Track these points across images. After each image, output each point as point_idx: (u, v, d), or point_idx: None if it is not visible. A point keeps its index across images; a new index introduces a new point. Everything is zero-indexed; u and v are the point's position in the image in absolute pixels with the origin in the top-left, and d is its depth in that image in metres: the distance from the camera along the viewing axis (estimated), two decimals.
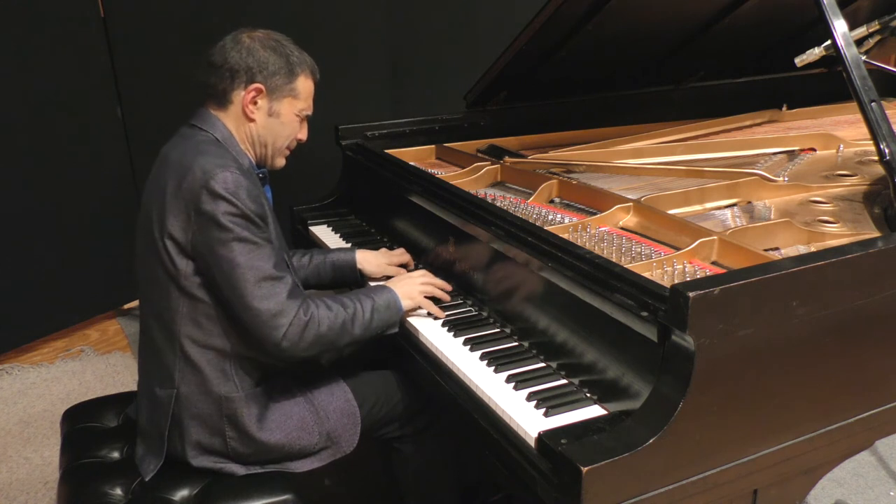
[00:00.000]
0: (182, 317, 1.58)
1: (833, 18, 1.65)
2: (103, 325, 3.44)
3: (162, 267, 1.57)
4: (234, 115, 1.66)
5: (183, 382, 1.60)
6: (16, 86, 2.96)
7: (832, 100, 2.75)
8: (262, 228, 1.55)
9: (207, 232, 1.51)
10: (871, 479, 2.46)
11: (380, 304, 1.68)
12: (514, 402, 1.41)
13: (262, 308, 1.52)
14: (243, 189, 1.52)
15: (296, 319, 1.54)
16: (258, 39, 1.65)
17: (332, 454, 1.71)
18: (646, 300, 1.28)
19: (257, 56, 1.62)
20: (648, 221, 1.78)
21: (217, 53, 1.63)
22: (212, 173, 1.50)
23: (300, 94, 1.70)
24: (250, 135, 1.68)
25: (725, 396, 1.25)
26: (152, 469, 1.63)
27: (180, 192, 1.53)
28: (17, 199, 3.03)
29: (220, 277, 1.53)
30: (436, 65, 3.87)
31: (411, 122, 2.50)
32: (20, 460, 2.60)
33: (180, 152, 1.59)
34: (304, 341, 1.56)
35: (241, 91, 1.63)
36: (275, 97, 1.66)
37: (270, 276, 1.53)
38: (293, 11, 3.44)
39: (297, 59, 1.68)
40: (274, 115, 1.68)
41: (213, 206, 1.50)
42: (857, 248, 1.35)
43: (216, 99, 1.66)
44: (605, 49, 2.37)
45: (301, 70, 1.69)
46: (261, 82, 1.63)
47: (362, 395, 1.75)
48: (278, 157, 1.75)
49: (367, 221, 2.39)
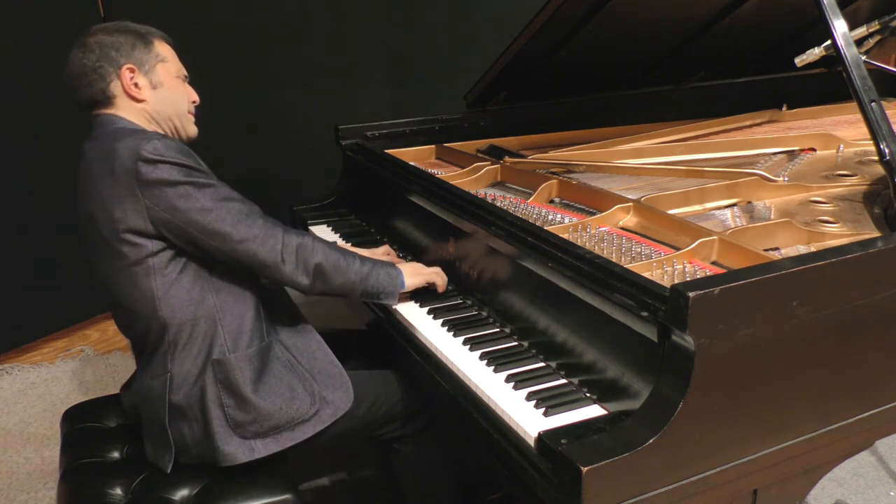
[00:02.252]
0: (160, 300, 1.57)
1: (833, 18, 1.65)
2: (103, 325, 3.44)
3: (125, 262, 1.56)
4: (125, 106, 1.65)
5: (175, 363, 1.60)
6: (16, 86, 2.96)
7: (832, 100, 2.75)
8: (208, 175, 1.57)
9: (162, 197, 1.51)
10: (871, 479, 2.46)
11: (380, 268, 1.74)
12: (513, 402, 1.41)
13: (251, 234, 1.55)
14: (174, 149, 1.52)
15: (286, 239, 1.59)
16: (98, 31, 1.64)
17: (331, 414, 1.68)
18: (646, 300, 1.28)
19: (107, 43, 1.62)
20: (648, 221, 1.78)
21: (73, 67, 1.63)
22: (138, 146, 1.50)
23: (167, 58, 1.69)
24: (149, 114, 1.67)
25: (725, 396, 1.25)
26: (169, 460, 1.63)
27: (114, 177, 1.51)
28: (18, 199, 3.04)
29: (196, 230, 1.53)
30: (436, 65, 3.87)
31: (411, 122, 2.50)
32: (20, 460, 2.60)
33: (96, 149, 1.59)
34: (302, 263, 1.61)
35: (115, 81, 1.62)
36: (148, 69, 1.65)
37: (242, 203, 1.57)
38: (294, 12, 3.44)
39: (143, 29, 1.68)
40: (158, 86, 1.67)
41: (155, 170, 1.49)
42: (857, 248, 1.34)
43: (101, 103, 1.65)
44: (605, 49, 2.37)
45: (153, 37, 1.68)
46: (126, 62, 1.62)
47: (362, 394, 1.75)
48: (187, 125, 1.74)
49: (367, 221, 2.39)
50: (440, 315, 1.76)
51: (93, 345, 3.34)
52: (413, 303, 1.84)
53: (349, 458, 1.71)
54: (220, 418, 1.61)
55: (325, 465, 2.42)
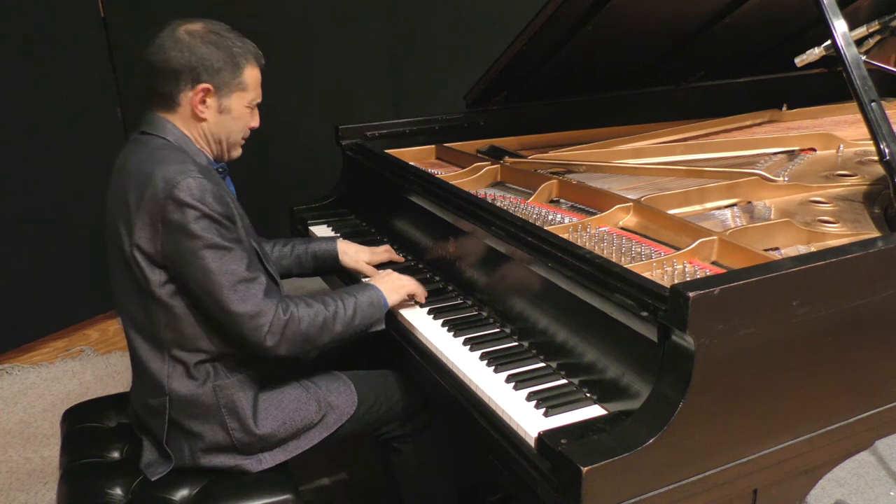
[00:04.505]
0: (163, 327, 1.57)
1: (833, 18, 1.65)
2: (103, 325, 3.44)
3: (134, 279, 1.55)
4: (183, 117, 1.61)
5: (174, 386, 1.59)
6: (16, 86, 2.96)
7: (832, 100, 2.75)
8: (230, 229, 1.53)
9: (177, 241, 1.49)
10: (871, 479, 2.46)
11: (362, 301, 1.68)
12: (513, 402, 1.41)
13: (241, 311, 1.51)
14: (208, 193, 1.49)
15: (275, 318, 1.54)
16: (197, 35, 1.57)
17: (336, 420, 1.70)
18: (646, 300, 1.28)
19: (199, 54, 1.56)
20: (648, 221, 1.78)
21: (156, 53, 1.56)
22: (174, 181, 1.47)
23: (248, 86, 1.64)
24: (203, 133, 1.64)
25: (725, 396, 1.25)
26: (160, 472, 1.63)
27: (143, 202, 1.50)
28: (17, 199, 3.04)
29: (194, 285, 1.52)
30: (436, 65, 3.87)
31: (411, 122, 2.50)
32: (20, 460, 2.60)
33: (138, 160, 1.55)
34: (286, 339, 1.56)
35: (187, 92, 1.58)
36: (223, 94, 1.61)
37: (244, 279, 1.52)
38: (293, 11, 3.44)
39: (239, 49, 1.61)
40: (225, 111, 1.63)
41: (181, 215, 1.47)
42: (857, 248, 1.34)
43: (163, 102, 1.60)
44: (605, 49, 2.37)
45: (246, 61, 1.62)
46: (207, 81, 1.57)
47: (362, 395, 1.75)
48: (234, 149, 1.71)
49: (366, 221, 2.39)
50: (440, 315, 1.76)
51: (93, 345, 3.34)
52: (413, 303, 1.84)
53: (349, 458, 1.71)
54: (226, 439, 1.61)
55: (325, 465, 2.42)
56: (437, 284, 1.92)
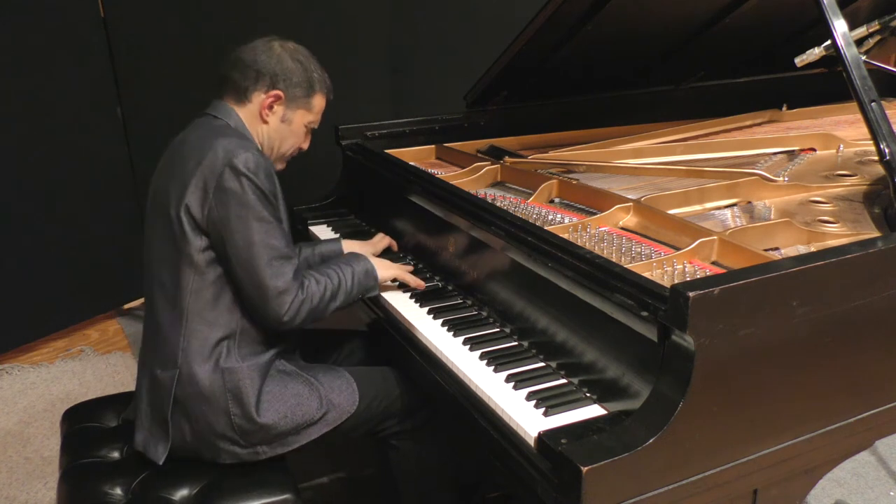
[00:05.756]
0: (191, 293, 1.63)
1: (833, 18, 1.65)
2: (103, 325, 3.44)
3: (174, 244, 1.63)
4: (249, 113, 1.74)
5: (185, 361, 1.63)
6: (16, 86, 2.96)
7: (832, 100, 2.75)
8: (276, 207, 1.64)
9: (227, 208, 1.58)
10: (871, 479, 2.46)
11: (358, 270, 1.79)
12: (513, 402, 1.41)
13: (272, 285, 1.59)
14: (262, 169, 1.60)
15: (296, 298, 1.63)
16: (288, 50, 1.75)
17: (336, 417, 1.73)
18: (646, 300, 1.28)
19: (285, 65, 1.73)
20: (648, 221, 1.78)
21: (247, 52, 1.73)
22: (234, 152, 1.58)
23: (313, 109, 1.81)
24: (260, 135, 1.77)
25: (725, 396, 1.25)
26: (162, 452, 1.64)
27: (200, 168, 1.59)
28: (18, 199, 3.03)
29: (232, 253, 1.59)
30: (436, 65, 3.87)
31: (411, 122, 2.50)
32: (20, 460, 2.60)
33: (199, 136, 1.67)
34: (300, 316, 1.65)
35: (261, 93, 1.72)
36: (290, 106, 1.76)
37: (282, 255, 1.62)
38: (294, 11, 3.44)
39: (317, 77, 1.79)
40: (286, 121, 1.78)
41: (237, 183, 1.57)
42: (857, 248, 1.34)
43: (236, 94, 1.73)
44: (605, 49, 2.37)
45: (319, 89, 1.80)
46: (281, 89, 1.73)
47: (361, 392, 1.76)
48: (279, 162, 1.85)
49: (366, 221, 2.39)
50: (440, 315, 1.76)
51: (93, 345, 3.34)
52: (413, 303, 1.84)
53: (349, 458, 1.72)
54: (227, 425, 1.63)
55: (325, 464, 2.42)
56: (436, 284, 1.92)
